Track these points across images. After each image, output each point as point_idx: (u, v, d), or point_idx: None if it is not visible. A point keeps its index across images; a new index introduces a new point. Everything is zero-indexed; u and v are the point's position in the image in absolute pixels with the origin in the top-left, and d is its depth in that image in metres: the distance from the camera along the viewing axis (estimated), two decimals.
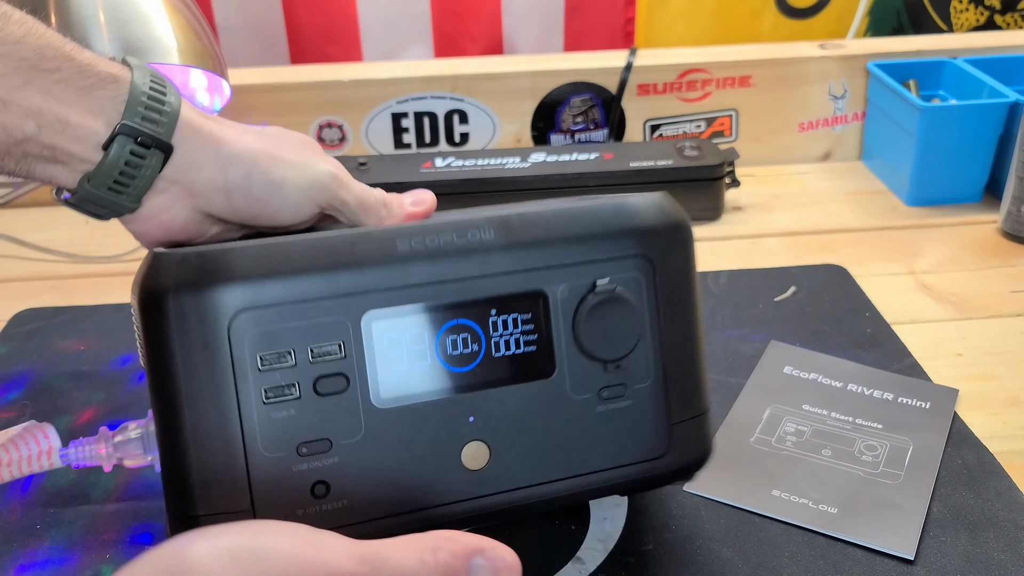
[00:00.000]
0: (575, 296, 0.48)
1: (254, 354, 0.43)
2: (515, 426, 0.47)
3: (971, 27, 1.23)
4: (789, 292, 0.79)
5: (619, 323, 0.48)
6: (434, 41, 1.21)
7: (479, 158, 0.93)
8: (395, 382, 0.45)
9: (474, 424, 0.47)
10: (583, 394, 0.49)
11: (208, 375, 0.42)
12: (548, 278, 0.47)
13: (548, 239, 0.47)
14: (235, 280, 0.42)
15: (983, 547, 0.54)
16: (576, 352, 0.48)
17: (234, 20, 1.18)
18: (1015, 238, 0.87)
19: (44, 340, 0.75)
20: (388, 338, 0.45)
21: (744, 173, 0.99)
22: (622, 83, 1.00)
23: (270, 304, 0.43)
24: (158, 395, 0.43)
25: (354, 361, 0.44)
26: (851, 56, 1.02)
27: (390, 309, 0.45)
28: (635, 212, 0.49)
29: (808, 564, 0.53)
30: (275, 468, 0.43)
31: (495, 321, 0.47)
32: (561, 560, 0.54)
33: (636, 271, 0.49)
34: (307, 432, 0.44)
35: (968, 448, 0.62)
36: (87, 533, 0.56)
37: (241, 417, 0.43)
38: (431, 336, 0.46)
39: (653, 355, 0.49)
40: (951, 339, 0.74)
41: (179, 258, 0.43)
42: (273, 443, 0.43)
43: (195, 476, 0.43)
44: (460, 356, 0.46)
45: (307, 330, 0.43)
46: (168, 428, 0.43)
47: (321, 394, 0.44)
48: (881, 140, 1.01)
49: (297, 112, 0.99)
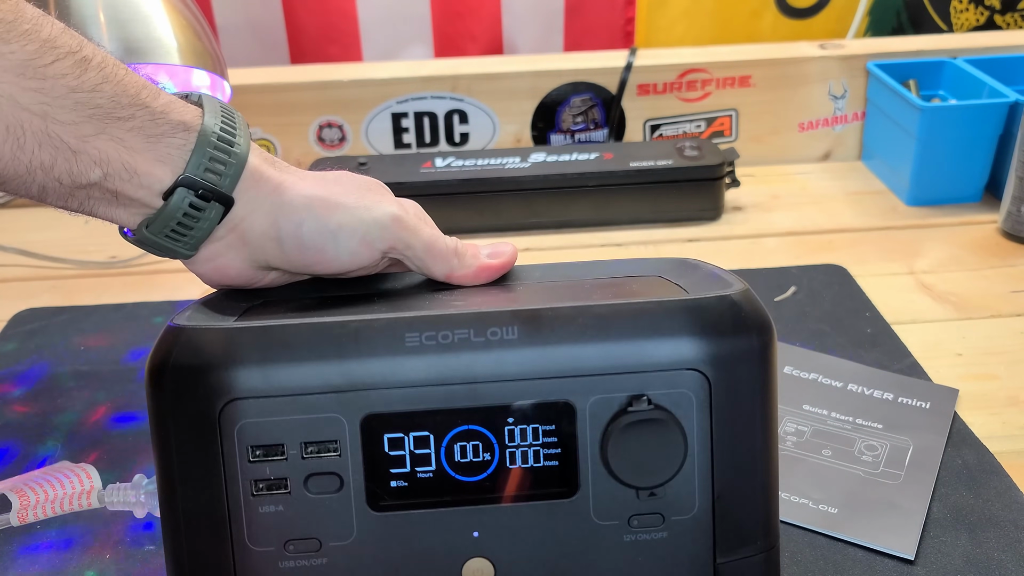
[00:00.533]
0: (607, 411, 0.41)
1: (244, 444, 0.40)
2: (526, 547, 0.42)
3: (971, 27, 1.23)
4: (789, 292, 0.79)
5: (657, 447, 0.41)
6: (434, 41, 1.21)
7: (479, 158, 0.93)
8: (393, 486, 0.41)
9: (479, 540, 0.42)
10: (609, 520, 0.42)
11: (200, 458, 0.40)
12: (577, 387, 0.41)
13: (581, 343, 0.41)
14: (229, 366, 0.40)
15: (983, 547, 0.54)
16: (604, 473, 0.42)
17: (234, 20, 1.18)
18: (1015, 238, 0.87)
19: (44, 340, 0.75)
20: (388, 439, 0.41)
21: (744, 173, 0.99)
22: (622, 83, 1.00)
23: (263, 395, 0.40)
24: (158, 468, 0.42)
25: (348, 462, 0.41)
26: (851, 56, 1.02)
27: (393, 410, 0.41)
28: (693, 315, 0.41)
29: (808, 564, 0.53)
30: (261, 562, 0.41)
31: (512, 431, 0.41)
32: None
33: (686, 387, 0.41)
34: (295, 530, 0.41)
35: (968, 448, 0.62)
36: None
37: (228, 506, 0.41)
38: (437, 441, 0.41)
39: (700, 484, 0.42)
40: (951, 339, 0.74)
41: (183, 335, 0.41)
42: (260, 537, 0.41)
43: (185, 559, 0.41)
44: (469, 464, 0.41)
45: (301, 425, 0.40)
46: (165, 504, 0.41)
47: (312, 493, 0.41)
48: (881, 140, 1.01)
49: (297, 112, 0.99)
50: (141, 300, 0.80)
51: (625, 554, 0.42)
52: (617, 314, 0.41)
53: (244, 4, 1.17)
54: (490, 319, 0.41)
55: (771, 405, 0.42)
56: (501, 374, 0.40)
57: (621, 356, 0.41)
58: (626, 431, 0.41)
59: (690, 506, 0.42)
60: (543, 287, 0.50)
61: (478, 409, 0.41)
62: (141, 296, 0.81)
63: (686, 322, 0.41)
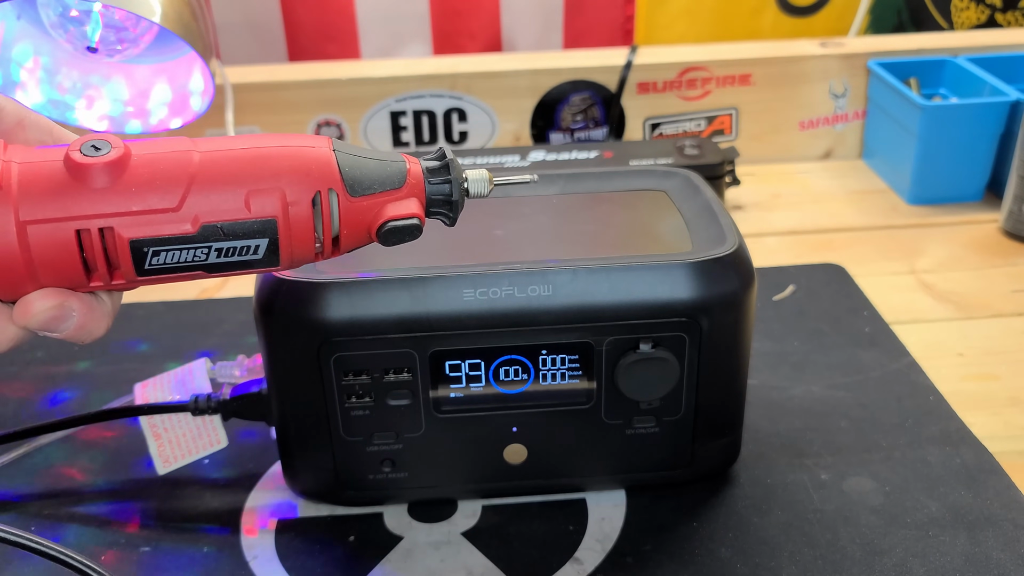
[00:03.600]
0: (618, 351, 0.52)
1: (339, 369, 0.52)
2: (551, 436, 0.55)
3: (972, 25, 1.22)
4: (788, 291, 0.79)
5: (656, 377, 0.52)
6: (433, 39, 1.21)
7: (478, 156, 0.93)
8: (452, 397, 0.53)
9: (517, 432, 0.55)
10: (615, 420, 0.55)
11: (304, 378, 0.52)
12: (596, 332, 0.52)
13: (600, 302, 0.51)
14: (325, 316, 0.50)
15: (982, 546, 0.54)
16: (614, 391, 0.53)
17: (232, 18, 1.18)
18: (1016, 237, 0.87)
19: (38, 340, 0.74)
20: (449, 365, 0.52)
21: (744, 172, 0.99)
22: (622, 81, 0.99)
23: (352, 336, 0.50)
24: (270, 382, 0.53)
25: (419, 382, 0.52)
26: (852, 54, 1.01)
27: (453, 347, 0.52)
28: (690, 275, 0.51)
29: (807, 564, 0.53)
30: (353, 447, 0.54)
31: (544, 359, 0.53)
32: (559, 560, 0.54)
33: (682, 331, 0.52)
34: (378, 426, 0.54)
35: (967, 448, 0.61)
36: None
37: (327, 410, 0.53)
38: (487, 366, 0.53)
39: (687, 396, 0.54)
40: (952, 339, 0.74)
41: (284, 287, 0.50)
42: (352, 430, 0.54)
43: (295, 446, 0.55)
44: (511, 382, 0.53)
45: (382, 357, 0.51)
46: (278, 408, 0.54)
47: (390, 404, 0.53)
48: (882, 139, 1.00)
49: (295, 111, 0.98)
50: (138, 301, 0.80)
51: (626, 441, 0.55)
52: (628, 273, 0.51)
53: (243, 2, 1.17)
54: (530, 278, 0.51)
55: (747, 337, 0.54)
56: (538, 323, 0.51)
57: (631, 308, 0.51)
58: (632, 366, 0.52)
59: (678, 410, 0.54)
60: (567, 222, 0.59)
61: (519, 347, 0.52)
62: (137, 297, 0.81)
63: (684, 282, 0.51)
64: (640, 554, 0.54)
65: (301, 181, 0.38)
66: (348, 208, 0.39)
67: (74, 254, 0.36)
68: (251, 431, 0.62)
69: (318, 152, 0.38)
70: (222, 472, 0.60)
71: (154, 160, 0.37)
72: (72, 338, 0.39)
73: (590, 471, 0.57)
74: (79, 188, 0.36)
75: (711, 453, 0.57)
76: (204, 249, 0.37)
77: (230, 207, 0.37)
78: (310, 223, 0.38)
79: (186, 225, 0.37)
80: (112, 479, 0.60)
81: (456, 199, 0.41)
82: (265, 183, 0.37)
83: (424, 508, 0.57)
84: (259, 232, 0.37)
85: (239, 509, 0.58)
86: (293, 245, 0.38)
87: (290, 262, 0.39)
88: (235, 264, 0.38)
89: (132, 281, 0.38)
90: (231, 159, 0.37)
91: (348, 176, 0.38)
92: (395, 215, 0.39)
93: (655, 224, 0.57)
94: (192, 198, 0.37)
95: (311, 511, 0.57)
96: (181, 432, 0.58)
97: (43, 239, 0.36)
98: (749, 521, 0.56)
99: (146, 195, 0.36)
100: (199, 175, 0.37)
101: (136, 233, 0.36)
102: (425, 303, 0.50)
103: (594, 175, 0.62)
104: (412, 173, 0.40)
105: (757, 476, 0.59)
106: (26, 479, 0.60)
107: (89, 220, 0.36)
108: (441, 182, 0.41)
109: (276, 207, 0.37)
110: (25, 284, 0.37)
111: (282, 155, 0.38)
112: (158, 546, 0.55)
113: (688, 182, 0.61)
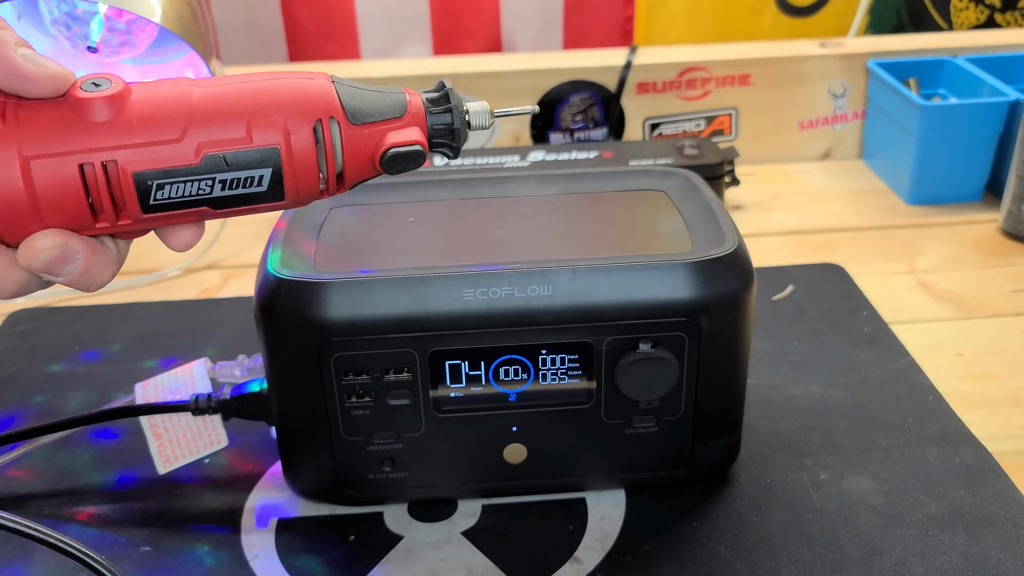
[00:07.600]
0: (617, 350, 0.52)
1: (339, 369, 0.52)
2: (551, 435, 0.55)
3: (971, 25, 1.22)
4: (787, 291, 0.79)
5: (655, 377, 0.52)
6: (432, 39, 1.21)
7: (478, 156, 0.93)
8: (452, 396, 0.53)
9: (517, 432, 0.55)
10: (615, 420, 0.55)
11: (304, 377, 0.52)
12: (596, 332, 0.52)
13: (599, 302, 0.51)
14: (325, 315, 0.50)
15: (981, 546, 0.54)
16: (613, 391, 0.53)
17: (232, 18, 1.18)
18: (1016, 237, 0.87)
19: (39, 340, 0.74)
20: (450, 365, 0.52)
21: (744, 172, 0.99)
22: (621, 81, 0.99)
23: (352, 335, 0.51)
24: (271, 382, 0.53)
25: (419, 382, 0.52)
26: (851, 54, 1.01)
27: (453, 347, 0.52)
28: (689, 276, 0.51)
29: (807, 563, 0.53)
30: (353, 446, 0.54)
31: (544, 358, 0.53)
32: (559, 560, 0.54)
33: (681, 331, 0.52)
34: (378, 426, 0.54)
35: (966, 447, 0.61)
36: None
37: (327, 410, 0.53)
38: (487, 366, 0.52)
39: (686, 396, 0.54)
40: (951, 338, 0.74)
41: (284, 287, 0.50)
42: (352, 430, 0.54)
43: (295, 445, 0.55)
44: (511, 382, 0.53)
45: (383, 356, 0.52)
46: (278, 407, 0.54)
47: (390, 404, 0.53)
48: (881, 139, 1.00)
49: None
50: (138, 301, 0.80)
51: (626, 441, 0.55)
52: (628, 273, 0.51)
53: (243, 2, 1.17)
54: (530, 278, 0.51)
55: (747, 337, 0.54)
56: (538, 322, 0.51)
57: (630, 308, 0.51)
58: (632, 366, 0.52)
59: (677, 410, 0.54)
60: (567, 223, 0.58)
61: (519, 346, 0.52)
62: (138, 296, 0.81)
63: (683, 282, 0.51)
64: (640, 554, 0.54)
65: (301, 109, 0.38)
66: (350, 137, 0.39)
67: (78, 190, 0.36)
68: (251, 431, 0.63)
69: (317, 83, 0.39)
70: (222, 472, 0.60)
71: (155, 95, 0.37)
72: (77, 284, 0.38)
73: (590, 471, 0.57)
74: (81, 123, 0.36)
75: (711, 453, 0.57)
76: (208, 181, 0.37)
77: (232, 137, 0.37)
78: (312, 152, 0.38)
79: (189, 156, 0.37)
80: (112, 479, 0.60)
81: (458, 127, 0.41)
82: (266, 113, 0.38)
83: (424, 508, 0.57)
84: (262, 162, 0.38)
85: (239, 508, 0.58)
86: (297, 176, 0.38)
87: (295, 197, 0.39)
88: (240, 198, 0.38)
89: (138, 220, 0.38)
90: (231, 92, 0.38)
91: (348, 105, 0.39)
92: (397, 142, 0.39)
93: (655, 224, 0.57)
94: (194, 129, 0.37)
95: (311, 511, 0.57)
96: (181, 432, 0.58)
97: (47, 175, 0.36)
98: (748, 521, 0.56)
99: (148, 127, 0.37)
100: (200, 108, 0.37)
101: (140, 166, 0.37)
102: (425, 303, 0.51)
103: (594, 175, 0.62)
104: (412, 103, 0.40)
105: (756, 476, 0.59)
106: (26, 479, 0.60)
107: (92, 154, 0.36)
108: (442, 111, 0.41)
109: (278, 136, 0.38)
110: (30, 223, 0.37)
111: (282, 87, 0.38)
112: (158, 546, 0.55)
113: (688, 182, 0.60)
